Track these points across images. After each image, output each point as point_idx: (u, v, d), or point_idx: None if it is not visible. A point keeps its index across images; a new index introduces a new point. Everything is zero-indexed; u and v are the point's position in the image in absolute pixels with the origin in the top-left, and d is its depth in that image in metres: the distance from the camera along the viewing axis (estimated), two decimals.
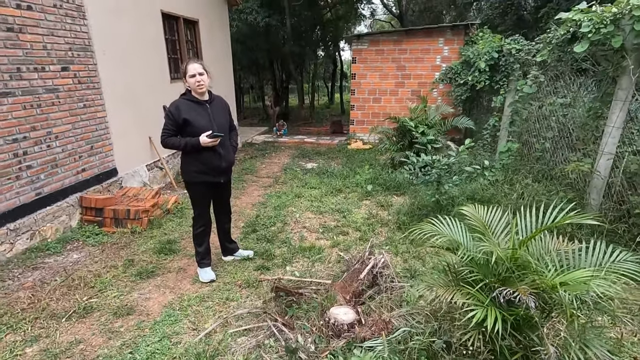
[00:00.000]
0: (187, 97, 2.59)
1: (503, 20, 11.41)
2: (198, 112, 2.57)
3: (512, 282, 1.67)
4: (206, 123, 2.58)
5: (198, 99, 2.60)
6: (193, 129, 2.54)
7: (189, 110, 2.54)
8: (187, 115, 2.52)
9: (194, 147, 2.54)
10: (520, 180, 4.26)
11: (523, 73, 5.15)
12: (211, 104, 2.66)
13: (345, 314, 2.14)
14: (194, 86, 2.54)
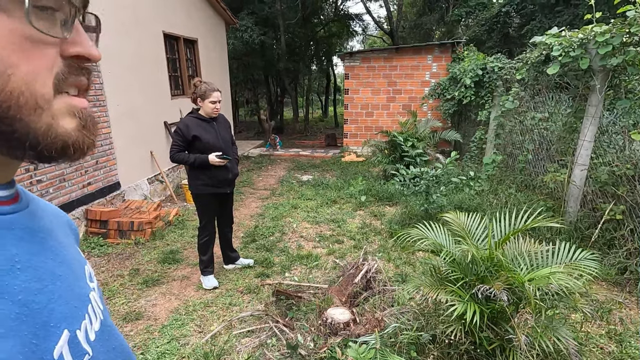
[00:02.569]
0: (195, 115, 2.82)
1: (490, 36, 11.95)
2: (206, 129, 2.79)
3: (489, 280, 1.88)
4: (213, 139, 2.80)
5: (205, 117, 2.82)
6: (202, 144, 2.76)
7: (197, 127, 2.77)
8: (196, 132, 2.75)
9: (203, 163, 2.75)
10: (505, 190, 4.52)
11: (506, 89, 5.48)
12: (217, 122, 2.89)
13: (341, 314, 2.33)
14: (210, 110, 2.78)
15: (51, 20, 0.33)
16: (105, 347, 0.45)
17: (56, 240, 0.45)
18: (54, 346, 0.36)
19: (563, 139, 4.14)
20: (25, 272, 0.36)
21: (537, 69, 3.93)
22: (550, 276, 1.64)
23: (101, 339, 0.45)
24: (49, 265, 0.40)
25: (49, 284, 0.39)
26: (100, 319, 0.47)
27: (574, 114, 3.81)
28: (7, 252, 0.35)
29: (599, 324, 2.38)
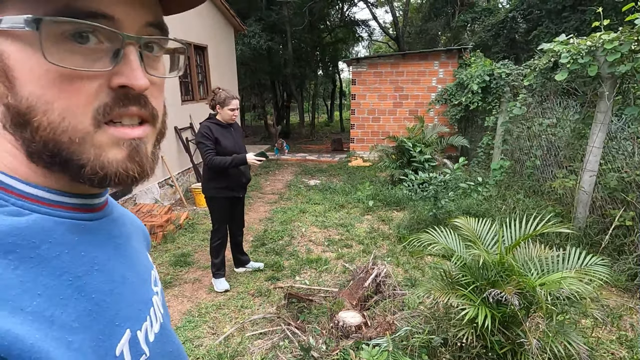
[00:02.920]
0: (214, 120, 2.89)
1: (496, 42, 11.97)
2: (224, 134, 2.87)
3: (500, 284, 1.91)
4: (231, 144, 2.88)
5: (223, 123, 2.90)
6: (220, 148, 2.83)
7: (217, 131, 2.85)
8: (217, 135, 2.83)
9: (240, 162, 2.80)
10: (513, 196, 4.53)
11: (513, 95, 5.50)
12: (233, 128, 2.97)
13: (352, 317, 2.37)
14: (228, 117, 2.86)
15: (89, 55, 0.34)
16: (162, 350, 0.47)
17: (131, 246, 0.49)
18: (116, 344, 0.38)
19: (571, 145, 4.15)
20: (101, 273, 0.40)
21: (545, 76, 3.96)
22: (561, 281, 1.67)
23: (159, 342, 0.47)
24: (120, 269, 0.44)
25: (118, 286, 0.42)
26: (160, 322, 0.49)
27: (582, 120, 3.83)
28: (89, 255, 0.39)
29: (609, 330, 2.39)
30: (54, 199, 0.38)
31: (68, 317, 0.34)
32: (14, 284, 0.31)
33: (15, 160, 0.37)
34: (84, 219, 0.41)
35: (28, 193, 0.36)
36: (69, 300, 0.35)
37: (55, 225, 0.37)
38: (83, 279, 0.37)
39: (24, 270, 0.32)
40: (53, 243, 0.36)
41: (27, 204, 0.36)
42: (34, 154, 0.35)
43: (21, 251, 0.33)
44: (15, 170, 0.37)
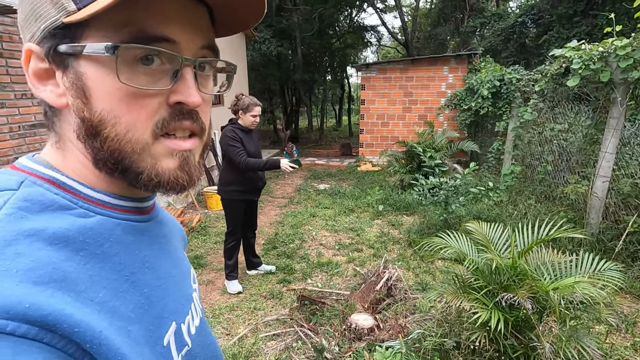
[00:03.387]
0: (237, 125, 2.96)
1: (506, 47, 11.94)
2: (247, 139, 2.95)
3: (513, 288, 1.93)
4: (253, 148, 2.96)
5: (245, 128, 2.98)
6: (246, 151, 2.90)
7: (241, 135, 2.92)
8: (242, 138, 2.91)
9: (274, 166, 2.89)
10: (524, 201, 4.52)
11: (524, 100, 5.50)
12: (253, 132, 3.05)
13: (364, 320, 2.40)
14: (249, 122, 2.93)
15: (153, 76, 0.38)
16: (201, 342, 0.51)
17: (173, 246, 0.54)
18: (164, 334, 0.42)
19: (583, 151, 4.14)
20: (150, 270, 0.44)
21: (557, 81, 3.96)
22: (574, 285, 1.69)
23: (199, 335, 0.51)
24: (166, 266, 0.48)
25: (165, 282, 0.46)
26: (200, 317, 0.53)
27: (595, 125, 3.82)
28: (141, 254, 0.43)
29: (623, 336, 2.38)
30: (113, 202, 0.42)
31: (126, 309, 0.38)
32: (85, 278, 0.35)
33: (83, 167, 0.41)
34: (137, 220, 0.45)
35: (93, 197, 0.41)
36: (126, 293, 0.39)
37: (115, 226, 0.41)
38: (136, 275, 0.41)
39: (92, 265, 0.36)
40: (113, 242, 0.40)
41: (92, 207, 0.40)
42: (100, 161, 0.40)
43: (89, 249, 0.37)
44: (82, 176, 0.41)
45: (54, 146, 0.42)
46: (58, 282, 0.32)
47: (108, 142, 0.38)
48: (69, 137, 0.41)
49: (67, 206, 0.38)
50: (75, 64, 0.37)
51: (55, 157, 0.42)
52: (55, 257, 0.34)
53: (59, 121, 0.41)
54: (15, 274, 0.30)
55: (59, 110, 0.40)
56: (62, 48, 0.36)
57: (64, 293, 0.32)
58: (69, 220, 0.37)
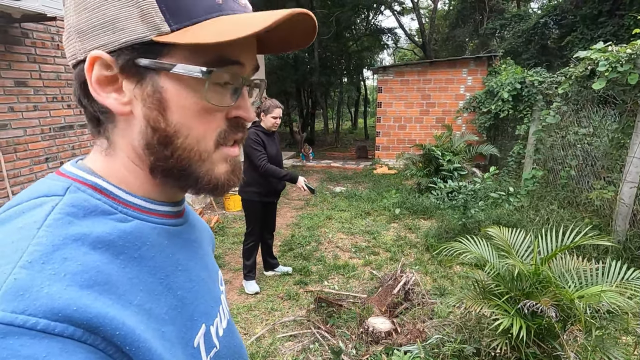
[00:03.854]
0: (259, 128, 3.02)
1: (527, 48, 11.67)
2: (269, 142, 3.01)
3: (535, 296, 1.89)
4: (275, 151, 3.01)
5: (267, 131, 3.03)
6: (267, 154, 2.95)
7: (263, 138, 2.97)
8: (264, 141, 2.96)
9: (292, 180, 2.95)
10: (546, 207, 4.41)
11: (546, 103, 5.37)
12: (274, 135, 3.10)
13: (382, 323, 2.39)
14: (270, 124, 2.98)
15: (223, 94, 0.42)
16: (229, 344, 0.52)
17: (203, 249, 0.55)
18: (195, 336, 0.43)
19: (609, 155, 4.01)
20: (183, 273, 0.45)
21: (581, 84, 3.86)
22: (600, 294, 1.64)
23: (227, 337, 0.52)
24: (197, 269, 0.49)
25: (196, 284, 0.47)
26: (227, 319, 0.55)
27: (622, 129, 3.69)
28: (174, 257, 0.45)
29: None
30: (150, 206, 0.44)
31: (160, 310, 0.39)
32: (124, 281, 0.36)
33: (127, 172, 0.43)
34: (171, 224, 0.46)
35: (131, 202, 0.42)
36: (161, 295, 0.40)
37: (151, 230, 0.42)
38: (170, 278, 0.43)
39: (130, 268, 0.38)
40: (149, 246, 0.41)
41: (130, 212, 0.42)
42: (161, 168, 0.42)
43: (128, 252, 0.38)
44: (124, 182, 0.43)
45: (103, 152, 0.44)
46: (101, 285, 0.34)
47: (179, 151, 0.41)
48: (119, 144, 0.43)
49: (108, 211, 0.40)
50: (155, 78, 0.39)
51: (100, 163, 0.43)
52: (99, 260, 0.35)
53: (114, 128, 0.42)
54: (63, 278, 0.32)
55: (115, 117, 0.42)
56: (142, 62, 0.38)
57: (106, 296, 0.34)
58: (110, 224, 0.38)
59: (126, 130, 0.42)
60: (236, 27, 0.37)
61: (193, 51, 0.38)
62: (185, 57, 0.39)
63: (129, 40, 0.37)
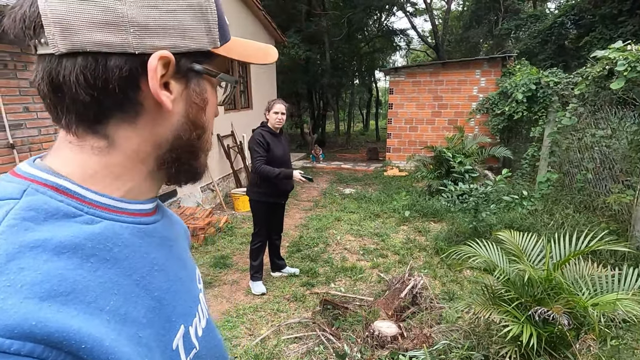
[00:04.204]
0: (266, 128, 3.02)
1: (543, 49, 11.42)
2: (275, 142, 3.00)
3: (547, 302, 1.83)
4: (281, 152, 3.00)
5: (274, 131, 3.03)
6: (271, 154, 2.95)
7: (269, 138, 2.97)
8: (269, 141, 2.96)
9: (286, 177, 2.92)
10: (561, 211, 4.28)
11: (562, 104, 5.23)
12: (282, 135, 3.09)
13: (388, 327, 2.35)
14: (274, 121, 2.98)
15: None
16: (208, 344, 0.51)
17: (180, 246, 0.53)
18: (173, 338, 0.42)
19: (629, 158, 3.87)
20: (160, 273, 0.44)
21: (599, 84, 3.74)
22: (616, 302, 1.57)
23: (206, 336, 0.51)
24: (174, 268, 0.48)
25: (174, 284, 0.45)
26: (206, 318, 0.53)
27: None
28: (149, 256, 0.43)
29: None
30: (119, 205, 0.42)
31: (138, 314, 0.37)
32: (95, 286, 0.34)
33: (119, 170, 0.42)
34: (143, 222, 0.45)
35: (98, 201, 0.40)
36: (138, 297, 0.39)
37: (122, 230, 0.41)
38: (147, 278, 0.41)
39: (102, 271, 0.36)
40: (122, 246, 0.40)
41: (98, 212, 0.39)
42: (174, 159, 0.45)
43: (99, 254, 0.36)
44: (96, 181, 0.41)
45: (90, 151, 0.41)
46: (65, 295, 0.31)
47: (204, 143, 0.48)
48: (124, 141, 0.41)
49: (72, 213, 0.37)
50: (199, 80, 0.45)
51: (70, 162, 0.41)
52: (63, 267, 0.33)
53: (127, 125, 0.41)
54: (20, 290, 0.29)
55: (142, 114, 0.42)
56: (197, 67, 0.43)
57: (71, 306, 0.31)
58: (75, 227, 0.36)
59: (153, 126, 0.43)
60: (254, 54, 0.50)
61: (219, 62, 0.47)
62: (215, 66, 0.46)
63: (194, 48, 0.42)
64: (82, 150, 0.41)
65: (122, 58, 0.38)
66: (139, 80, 0.40)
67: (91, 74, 0.38)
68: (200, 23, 0.42)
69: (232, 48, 0.47)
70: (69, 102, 0.39)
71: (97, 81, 0.38)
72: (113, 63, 0.38)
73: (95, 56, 0.38)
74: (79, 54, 0.37)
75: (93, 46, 0.37)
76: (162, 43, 0.39)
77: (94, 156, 0.41)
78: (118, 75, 0.38)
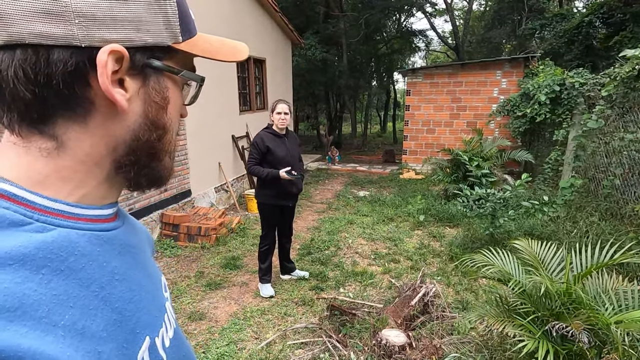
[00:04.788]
0: (269, 130, 3.02)
1: (569, 49, 10.99)
2: (277, 143, 2.98)
3: (566, 317, 1.71)
4: (284, 153, 2.97)
5: (278, 133, 3.01)
6: (273, 157, 2.94)
7: (270, 141, 2.98)
8: (269, 144, 2.95)
9: (274, 178, 2.91)
10: (585, 218, 4.07)
11: (588, 106, 4.99)
12: (287, 138, 3.06)
13: (396, 336, 2.27)
14: (278, 121, 2.98)
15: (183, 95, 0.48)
16: (176, 354, 0.48)
17: (143, 253, 0.50)
18: (138, 351, 0.39)
19: None
20: (121, 282, 0.41)
21: (628, 85, 3.54)
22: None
23: (174, 347, 0.48)
24: (137, 277, 0.45)
25: (137, 294, 0.43)
26: (174, 327, 0.51)
27: None
28: (109, 265, 0.40)
29: None
30: (74, 211, 0.39)
31: (97, 327, 0.35)
32: (47, 299, 0.32)
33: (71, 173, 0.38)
34: (102, 229, 0.42)
35: (50, 207, 0.37)
36: (97, 310, 0.36)
37: (78, 238, 0.38)
38: (106, 289, 0.38)
39: (56, 283, 0.33)
40: (78, 255, 0.37)
41: (50, 219, 0.37)
42: (133, 162, 0.42)
43: (52, 265, 0.34)
44: (47, 186, 0.38)
45: (38, 153, 0.38)
46: (12, 312, 0.29)
47: (166, 144, 0.45)
48: (75, 142, 0.38)
49: (20, 221, 0.34)
50: (159, 77, 0.42)
51: (15, 166, 0.38)
52: (9, 280, 0.30)
53: (77, 125, 0.38)
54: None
55: (94, 113, 0.38)
56: (155, 63, 0.41)
57: (19, 323, 0.29)
58: (23, 236, 0.33)
59: (106, 127, 0.39)
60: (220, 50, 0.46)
61: (182, 59, 0.44)
62: (178, 63, 0.43)
63: (151, 42, 0.39)
64: (28, 152, 0.38)
65: (67, 51, 0.35)
66: (88, 76, 0.36)
67: (31, 68, 0.34)
68: (157, 16, 0.39)
69: (197, 44, 0.44)
70: (9, 99, 0.36)
71: (38, 76, 0.35)
72: (56, 57, 0.35)
73: (35, 49, 0.34)
74: (17, 46, 0.34)
75: (33, 38, 0.34)
76: (112, 36, 0.36)
77: (41, 158, 0.38)
78: (62, 70, 0.35)
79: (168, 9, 0.40)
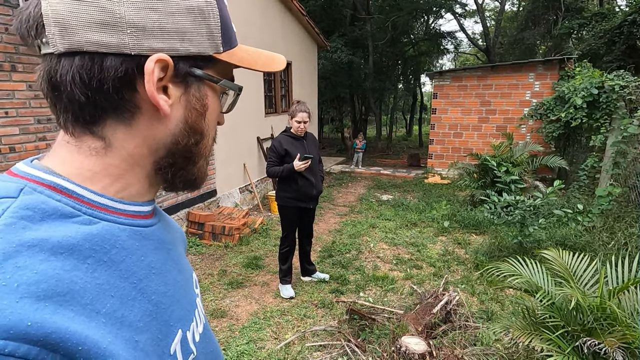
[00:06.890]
0: (287, 133, 3.07)
1: (610, 50, 10.41)
2: (296, 145, 3.02)
3: (598, 334, 1.62)
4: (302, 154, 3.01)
5: (296, 136, 3.05)
6: (291, 159, 2.98)
7: (288, 144, 3.02)
8: (287, 147, 3.00)
9: (290, 171, 2.95)
10: (624, 229, 3.83)
11: (629, 111, 4.70)
12: (306, 139, 3.09)
13: (416, 344, 2.22)
14: (296, 129, 3.02)
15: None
16: (205, 349, 0.50)
17: (177, 250, 0.53)
18: (171, 343, 0.42)
19: None
20: (157, 276, 0.43)
21: None
22: None
23: (203, 342, 0.50)
24: (172, 272, 0.47)
25: (171, 288, 0.45)
26: (204, 323, 0.53)
27: None
28: (146, 259, 0.43)
29: None
30: (117, 206, 0.42)
31: (134, 317, 0.37)
32: (91, 287, 0.34)
33: (118, 171, 0.42)
34: (141, 225, 0.44)
35: (97, 202, 0.40)
36: (135, 301, 0.38)
37: (120, 232, 0.40)
38: (144, 282, 0.40)
39: (100, 273, 0.36)
40: (119, 248, 0.39)
41: (96, 212, 0.39)
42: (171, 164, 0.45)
43: (97, 256, 0.36)
44: (95, 182, 0.41)
45: (88, 152, 0.41)
46: (62, 296, 0.31)
47: (202, 148, 0.47)
48: (121, 143, 0.41)
49: (70, 213, 0.37)
50: (199, 85, 0.44)
51: (68, 162, 0.40)
52: (60, 267, 0.32)
53: (124, 127, 0.41)
54: (16, 289, 0.29)
55: (139, 117, 0.41)
56: (197, 72, 0.43)
57: (68, 307, 0.31)
58: (73, 227, 0.36)
59: (149, 130, 0.42)
60: (258, 60, 0.49)
61: (222, 68, 0.46)
62: (217, 72, 0.46)
63: (194, 52, 0.42)
64: (79, 151, 0.41)
65: (119, 59, 0.38)
66: (135, 82, 0.39)
67: (87, 74, 0.38)
68: (201, 27, 0.41)
69: (236, 54, 0.46)
70: (66, 102, 0.39)
71: (92, 81, 0.38)
72: (109, 63, 0.38)
73: (92, 56, 0.38)
74: (77, 54, 0.38)
75: (90, 46, 0.37)
76: (159, 45, 0.39)
77: (91, 157, 0.41)
78: (113, 75, 0.38)
79: (211, 21, 0.42)
